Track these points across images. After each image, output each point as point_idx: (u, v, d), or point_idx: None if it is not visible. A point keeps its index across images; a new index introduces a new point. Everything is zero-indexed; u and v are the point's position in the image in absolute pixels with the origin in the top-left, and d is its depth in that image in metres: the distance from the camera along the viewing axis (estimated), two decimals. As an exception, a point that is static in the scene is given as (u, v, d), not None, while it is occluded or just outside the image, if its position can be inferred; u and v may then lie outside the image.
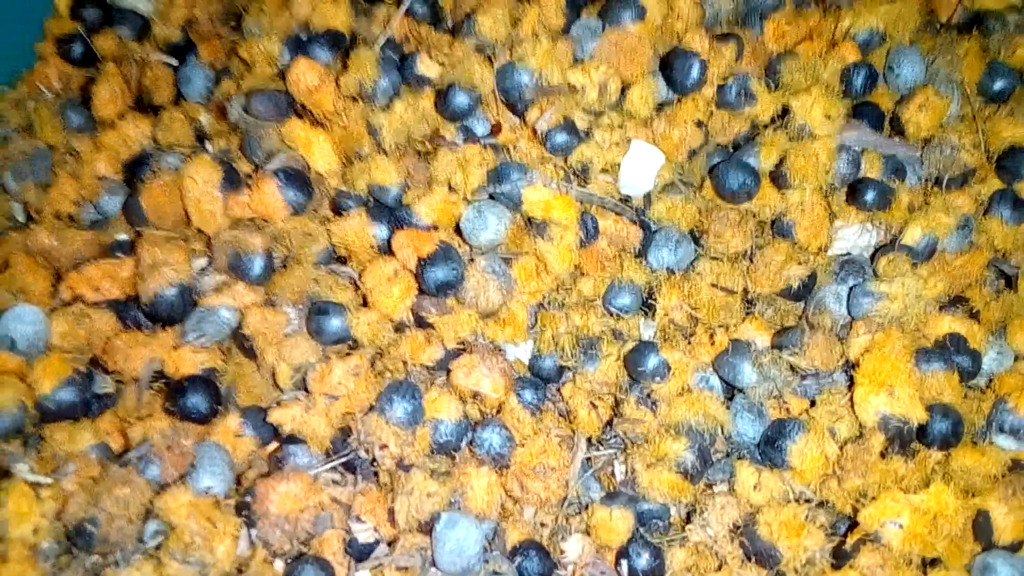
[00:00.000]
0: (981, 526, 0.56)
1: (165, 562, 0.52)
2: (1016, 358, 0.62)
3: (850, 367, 0.59)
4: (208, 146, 0.71)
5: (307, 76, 0.63)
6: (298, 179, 0.63)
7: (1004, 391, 0.60)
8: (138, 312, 0.62)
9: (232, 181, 0.63)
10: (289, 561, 0.53)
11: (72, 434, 0.57)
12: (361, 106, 0.63)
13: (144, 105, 0.75)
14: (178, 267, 0.61)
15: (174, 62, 0.76)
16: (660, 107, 0.67)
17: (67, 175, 0.71)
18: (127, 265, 0.63)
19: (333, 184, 0.66)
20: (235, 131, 0.70)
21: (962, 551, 0.56)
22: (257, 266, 0.61)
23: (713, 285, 0.61)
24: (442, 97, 0.63)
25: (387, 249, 0.62)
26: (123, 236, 0.68)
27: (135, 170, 0.69)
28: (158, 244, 0.62)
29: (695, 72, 0.65)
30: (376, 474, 0.57)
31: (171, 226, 0.65)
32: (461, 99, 0.63)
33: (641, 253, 0.64)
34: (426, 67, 0.65)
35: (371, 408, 0.57)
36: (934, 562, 0.55)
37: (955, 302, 0.64)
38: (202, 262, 0.63)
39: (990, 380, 0.61)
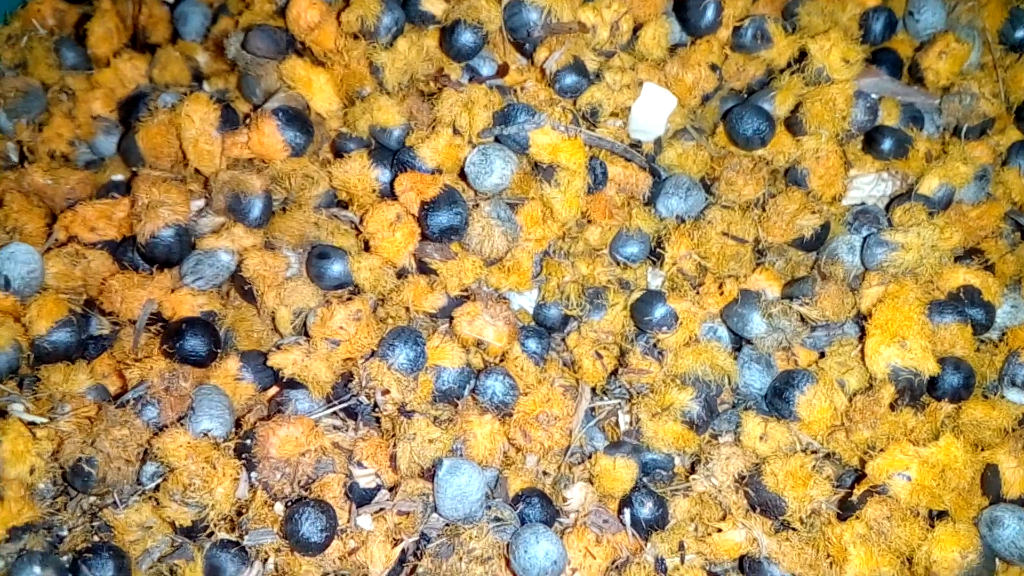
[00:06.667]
0: (990, 480, 0.56)
1: (164, 503, 0.51)
2: (1030, 312, 0.61)
3: (861, 318, 0.58)
4: (205, 86, 0.70)
5: (308, 13, 0.62)
6: (298, 119, 0.61)
7: (1017, 345, 0.60)
8: (134, 253, 0.61)
9: (230, 120, 0.62)
10: (290, 504, 0.52)
11: (68, 375, 0.57)
12: (363, 44, 0.62)
13: (140, 43, 0.75)
14: (175, 208, 0.60)
15: (170, -1, 0.75)
16: (673, 49, 0.66)
17: (61, 114, 0.70)
18: (123, 205, 0.63)
19: (334, 125, 0.65)
20: (233, 70, 0.69)
21: (970, 505, 0.55)
22: (256, 208, 0.60)
23: (724, 234, 0.60)
24: (447, 35, 0.62)
25: (389, 193, 0.60)
26: (119, 176, 0.68)
27: (131, 109, 0.68)
28: (155, 184, 0.60)
29: (710, 13, 0.64)
30: (378, 420, 0.57)
31: (168, 166, 0.64)
32: (467, 37, 0.61)
33: (650, 200, 0.63)
34: (431, 3, 0.63)
35: (373, 353, 0.56)
36: (941, 515, 0.55)
37: (970, 254, 0.63)
38: (200, 203, 0.62)
39: (1003, 333, 0.61)
